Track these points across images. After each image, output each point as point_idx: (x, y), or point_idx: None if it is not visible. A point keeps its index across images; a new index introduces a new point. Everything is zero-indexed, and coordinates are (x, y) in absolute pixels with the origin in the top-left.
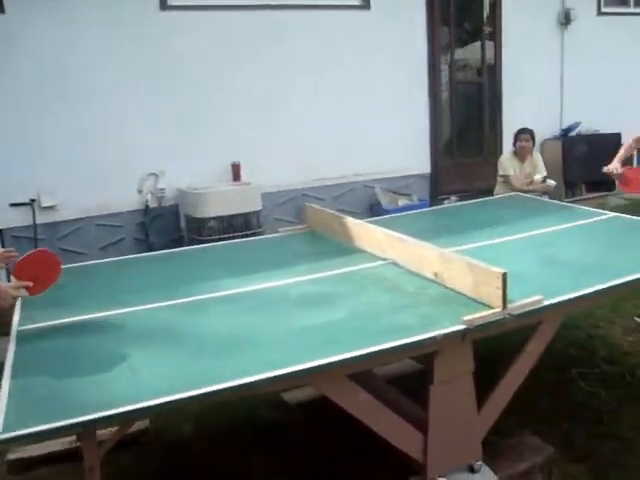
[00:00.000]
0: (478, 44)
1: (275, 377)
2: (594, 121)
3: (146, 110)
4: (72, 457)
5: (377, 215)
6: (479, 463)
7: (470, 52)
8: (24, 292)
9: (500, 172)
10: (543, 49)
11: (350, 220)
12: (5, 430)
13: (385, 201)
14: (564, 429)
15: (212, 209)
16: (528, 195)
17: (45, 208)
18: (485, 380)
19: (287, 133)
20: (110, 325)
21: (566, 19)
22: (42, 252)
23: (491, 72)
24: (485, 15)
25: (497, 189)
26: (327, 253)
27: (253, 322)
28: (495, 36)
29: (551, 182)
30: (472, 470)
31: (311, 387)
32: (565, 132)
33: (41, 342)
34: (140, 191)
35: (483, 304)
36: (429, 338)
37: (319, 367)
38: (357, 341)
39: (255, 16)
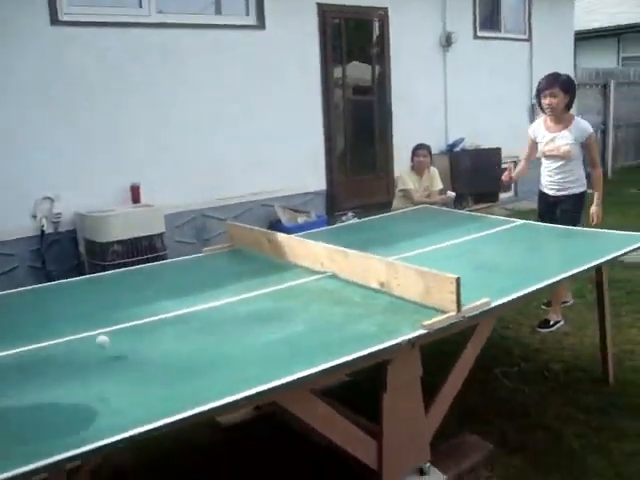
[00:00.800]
0: (368, 64)
1: (256, 394)
2: (476, 137)
3: (38, 130)
4: None
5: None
6: (427, 465)
7: (361, 71)
8: None
9: (400, 186)
10: (428, 69)
11: (282, 236)
12: None
13: (285, 219)
14: (497, 425)
15: (115, 233)
16: (435, 207)
17: None
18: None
19: (184, 154)
20: (53, 356)
21: (447, 42)
22: None
23: (381, 90)
24: (374, 36)
25: (395, 203)
26: (261, 270)
27: (211, 342)
28: (384, 56)
29: (451, 193)
30: (422, 472)
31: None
32: (451, 147)
33: None
34: (34, 216)
35: (435, 309)
36: (395, 344)
37: (297, 380)
38: (324, 353)
39: (151, 34)
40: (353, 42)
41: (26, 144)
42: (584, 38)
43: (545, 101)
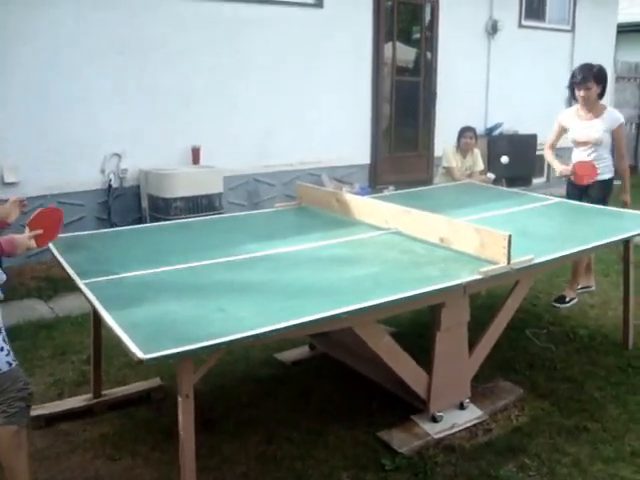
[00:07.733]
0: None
1: (355, 310)
2: (514, 122)
3: (111, 92)
4: (88, 413)
5: None
6: (467, 401)
7: (409, 53)
8: (33, 243)
9: (444, 164)
10: (473, 55)
11: (349, 196)
12: (146, 352)
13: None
14: (527, 375)
15: (179, 190)
16: (477, 183)
17: (7, 184)
18: None
19: (242, 121)
20: (170, 279)
21: (493, 29)
22: (55, 209)
23: (427, 72)
24: (425, 20)
25: (437, 179)
26: (332, 224)
27: (303, 275)
28: (432, 40)
29: (491, 175)
30: (462, 407)
31: (302, 348)
32: (489, 131)
33: (116, 290)
34: (103, 171)
35: (488, 261)
36: (457, 285)
37: (380, 305)
38: (400, 287)
39: (218, 7)
40: (404, 24)
41: (100, 107)
42: (625, 31)
43: (580, 93)
